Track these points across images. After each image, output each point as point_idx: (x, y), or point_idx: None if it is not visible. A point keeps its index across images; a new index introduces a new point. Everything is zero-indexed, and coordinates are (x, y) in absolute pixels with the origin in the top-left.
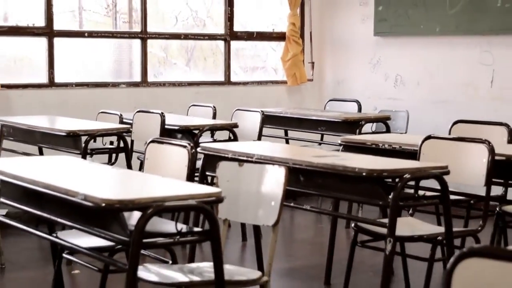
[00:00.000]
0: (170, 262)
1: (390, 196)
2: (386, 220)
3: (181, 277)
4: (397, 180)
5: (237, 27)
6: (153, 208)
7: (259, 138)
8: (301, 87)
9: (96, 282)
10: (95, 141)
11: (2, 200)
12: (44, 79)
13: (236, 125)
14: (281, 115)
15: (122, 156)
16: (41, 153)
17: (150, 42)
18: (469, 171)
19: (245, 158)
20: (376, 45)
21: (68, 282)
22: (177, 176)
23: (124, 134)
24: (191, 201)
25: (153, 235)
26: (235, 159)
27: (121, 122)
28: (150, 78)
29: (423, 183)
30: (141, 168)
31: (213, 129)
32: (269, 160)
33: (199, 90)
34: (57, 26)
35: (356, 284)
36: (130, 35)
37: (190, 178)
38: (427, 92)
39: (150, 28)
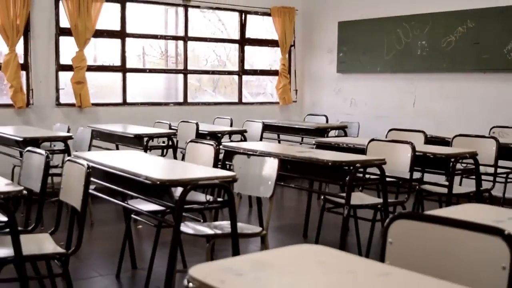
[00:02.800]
0: (202, 221)
1: (347, 178)
2: (344, 194)
3: (208, 231)
4: (351, 167)
5: (246, 66)
6: (190, 185)
7: (260, 140)
8: (288, 106)
9: (152, 234)
10: (152, 141)
11: (92, 179)
12: (120, 100)
13: (245, 131)
14: (275, 124)
15: (170, 151)
16: (117, 148)
17: (189, 76)
18: (398, 162)
19: (251, 153)
20: (338, 79)
21: (134, 234)
22: (206, 164)
23: (172, 136)
24: (216, 180)
25: (190, 203)
26: (245, 153)
27: (170, 128)
28: (189, 100)
29: (369, 170)
30: (183, 159)
31: (230, 133)
32: (267, 154)
33: (221, 108)
34: (129, 65)
35: (324, 237)
36: (176, 71)
37: (215, 165)
38: (371, 110)
39: (189, 67)
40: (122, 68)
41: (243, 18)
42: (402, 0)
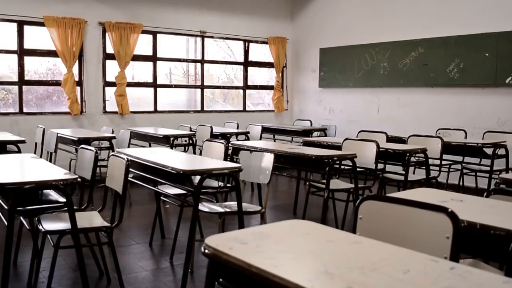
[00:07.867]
0: (215, 201)
1: (327, 168)
2: (324, 181)
3: (220, 209)
4: (330, 160)
5: (249, 83)
6: (206, 174)
7: (260, 139)
8: (281, 113)
9: (177, 211)
10: (177, 140)
11: (131, 169)
12: (152, 108)
13: (248, 132)
14: (271, 127)
15: (191, 148)
16: (150, 146)
17: (205, 90)
18: (366, 156)
19: (253, 149)
20: (320, 92)
21: (163, 212)
22: (218, 158)
23: (192, 136)
24: (226, 170)
25: (206, 188)
26: (248, 149)
27: (190, 130)
28: (205, 108)
29: (343, 162)
30: (200, 154)
31: (237, 134)
32: (265, 150)
33: (230, 114)
34: (159, 81)
35: (309, 214)
36: (195, 86)
37: (225, 159)
38: (345, 116)
39: (205, 83)
40: (154, 84)
41: (246, 45)
42: (369, 31)
